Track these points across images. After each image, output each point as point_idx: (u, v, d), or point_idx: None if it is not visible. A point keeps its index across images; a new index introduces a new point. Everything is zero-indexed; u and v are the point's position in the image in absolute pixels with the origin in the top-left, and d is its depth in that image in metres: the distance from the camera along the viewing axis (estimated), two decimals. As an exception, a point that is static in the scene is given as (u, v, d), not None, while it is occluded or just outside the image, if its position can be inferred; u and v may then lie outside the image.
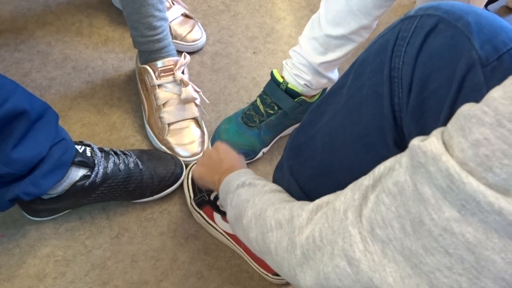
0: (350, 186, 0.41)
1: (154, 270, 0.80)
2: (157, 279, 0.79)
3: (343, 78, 0.58)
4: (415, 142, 0.32)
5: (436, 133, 0.32)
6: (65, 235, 0.81)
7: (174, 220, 0.86)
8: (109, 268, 0.79)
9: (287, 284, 0.82)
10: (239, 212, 0.57)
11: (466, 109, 0.30)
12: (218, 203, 0.83)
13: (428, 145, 0.31)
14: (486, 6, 1.28)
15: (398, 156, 0.36)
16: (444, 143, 0.31)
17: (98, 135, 0.94)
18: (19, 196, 0.69)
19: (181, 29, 1.08)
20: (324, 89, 0.95)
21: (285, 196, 0.56)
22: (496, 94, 0.29)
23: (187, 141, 0.90)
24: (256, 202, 0.55)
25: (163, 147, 0.90)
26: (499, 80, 0.30)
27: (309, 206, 0.46)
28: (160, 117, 0.90)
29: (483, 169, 0.28)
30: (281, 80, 0.88)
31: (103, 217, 0.84)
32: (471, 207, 0.28)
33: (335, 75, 0.89)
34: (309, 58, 0.83)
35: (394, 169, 0.35)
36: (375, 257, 0.34)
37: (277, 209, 0.51)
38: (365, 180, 0.39)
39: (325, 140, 0.58)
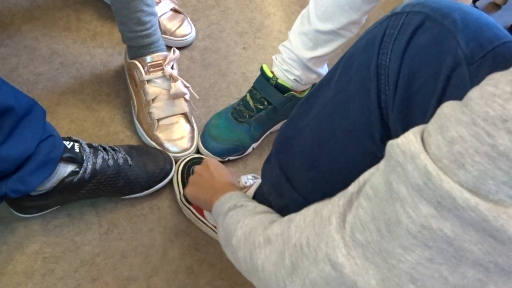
0: (339, 194, 0.42)
1: (144, 266, 0.80)
2: (147, 275, 0.79)
3: (331, 72, 0.58)
4: (393, 141, 0.33)
5: (415, 130, 0.32)
6: (54, 231, 0.81)
7: (164, 216, 0.86)
8: (98, 265, 0.79)
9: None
10: (229, 233, 0.56)
11: (447, 109, 0.31)
12: None
13: (406, 143, 0.31)
14: (474, 2, 1.29)
15: (381, 161, 0.36)
16: (423, 141, 0.31)
17: (87, 130, 0.93)
18: (7, 194, 0.68)
19: (170, 24, 1.08)
20: (313, 85, 0.95)
21: (275, 216, 0.56)
22: (473, 94, 0.29)
23: (176, 136, 0.90)
24: (246, 223, 0.54)
25: (153, 143, 0.90)
26: (484, 79, 0.30)
27: (296, 217, 0.46)
28: (150, 113, 0.89)
29: (456, 166, 0.28)
30: (271, 75, 0.88)
31: (92, 213, 0.84)
32: (446, 204, 0.28)
33: (324, 70, 0.89)
34: (298, 53, 0.83)
35: (372, 174, 0.36)
36: (358, 261, 0.35)
37: (267, 227, 0.50)
38: (351, 187, 0.39)
39: (313, 133, 0.58)
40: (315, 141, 0.58)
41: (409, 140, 0.31)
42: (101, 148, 0.80)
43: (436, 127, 0.31)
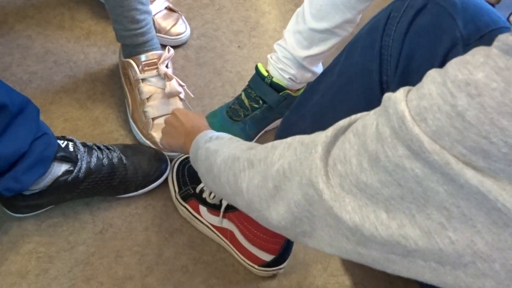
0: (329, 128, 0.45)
1: (139, 265, 0.80)
2: (142, 274, 0.79)
3: (336, 58, 0.60)
4: (388, 93, 0.36)
5: (406, 87, 0.35)
6: (48, 231, 0.80)
7: (159, 214, 0.86)
8: (93, 264, 0.78)
9: (272, 276, 0.82)
10: (209, 164, 0.58)
11: (432, 71, 0.34)
12: (204, 195, 0.82)
13: (394, 93, 0.35)
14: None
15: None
16: (406, 95, 0.34)
17: (81, 130, 0.93)
18: (0, 192, 0.68)
19: (165, 23, 1.07)
20: (309, 83, 0.96)
21: (251, 144, 0.58)
22: (453, 60, 0.32)
23: (171, 135, 0.90)
24: (224, 150, 0.56)
25: (148, 142, 0.90)
26: None
27: (281, 145, 0.48)
28: (144, 112, 0.89)
29: (420, 118, 0.31)
30: (266, 74, 0.88)
31: (86, 212, 0.83)
32: (415, 147, 0.31)
33: (319, 69, 0.89)
34: (293, 52, 0.83)
35: (365, 115, 0.39)
36: (336, 190, 0.38)
37: (249, 151, 0.52)
38: (341, 122, 0.42)
39: (315, 117, 0.59)
40: (315, 125, 0.59)
41: (397, 92, 0.35)
42: (95, 147, 0.80)
43: (418, 84, 0.34)
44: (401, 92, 0.34)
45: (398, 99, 0.33)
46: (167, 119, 0.79)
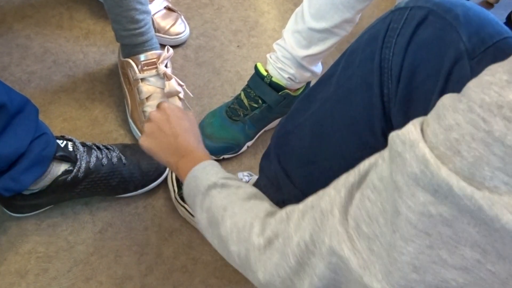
0: (333, 184, 0.41)
1: (138, 265, 0.80)
2: (142, 274, 0.79)
3: (333, 68, 0.58)
4: (394, 132, 0.33)
5: (415, 121, 0.33)
6: (47, 231, 0.80)
7: (159, 214, 0.86)
8: (92, 264, 0.78)
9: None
10: (214, 219, 0.53)
11: (446, 99, 0.31)
12: None
13: (406, 133, 0.31)
14: None
15: (382, 151, 0.36)
16: (422, 131, 0.31)
17: (80, 129, 0.93)
18: None
19: (164, 22, 1.07)
20: (308, 83, 0.96)
21: (266, 204, 0.53)
22: (471, 84, 0.30)
23: (171, 135, 0.90)
24: (236, 211, 0.51)
25: (147, 142, 0.90)
26: None
27: (294, 214, 0.45)
28: (144, 111, 0.89)
29: (452, 152, 0.29)
30: (265, 73, 0.88)
31: (86, 212, 0.83)
32: (443, 192, 0.29)
33: (318, 68, 0.89)
34: (292, 52, 0.83)
35: (377, 165, 0.36)
36: (364, 255, 0.34)
37: (264, 224, 0.48)
38: (350, 177, 0.39)
39: (313, 127, 0.58)
40: (314, 136, 0.58)
41: (408, 130, 0.32)
42: (94, 147, 0.80)
43: (435, 116, 0.31)
44: (412, 130, 0.31)
45: (414, 142, 0.30)
46: (154, 116, 0.66)
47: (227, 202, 0.53)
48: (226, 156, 0.93)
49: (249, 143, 0.96)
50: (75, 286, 0.76)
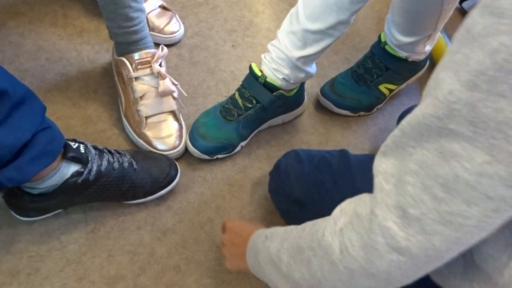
0: (364, 193, 0.42)
1: (131, 264, 0.79)
2: (135, 274, 0.79)
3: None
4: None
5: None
6: (39, 230, 0.80)
7: (152, 214, 0.86)
8: (85, 263, 0.78)
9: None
10: (275, 265, 0.54)
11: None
12: None
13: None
14: (460, 3, 1.31)
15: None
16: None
17: (73, 128, 0.92)
18: (2, 182, 0.66)
19: (159, 21, 1.07)
20: (302, 83, 0.96)
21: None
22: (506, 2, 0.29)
23: (164, 134, 0.89)
24: (286, 247, 0.53)
25: (141, 141, 0.89)
26: None
27: (329, 221, 0.45)
28: (137, 110, 0.89)
29: (504, 73, 0.28)
30: (259, 74, 0.88)
31: (78, 211, 0.83)
32: (503, 136, 0.28)
33: (313, 69, 0.90)
34: (287, 53, 0.83)
35: (412, 153, 0.36)
36: (419, 237, 0.35)
37: (302, 236, 0.49)
38: (377, 190, 0.40)
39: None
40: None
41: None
42: (106, 151, 0.78)
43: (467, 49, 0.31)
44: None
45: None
46: (225, 239, 0.72)
47: (279, 244, 0.54)
48: (219, 156, 0.93)
49: (243, 143, 0.96)
50: (67, 286, 0.76)
